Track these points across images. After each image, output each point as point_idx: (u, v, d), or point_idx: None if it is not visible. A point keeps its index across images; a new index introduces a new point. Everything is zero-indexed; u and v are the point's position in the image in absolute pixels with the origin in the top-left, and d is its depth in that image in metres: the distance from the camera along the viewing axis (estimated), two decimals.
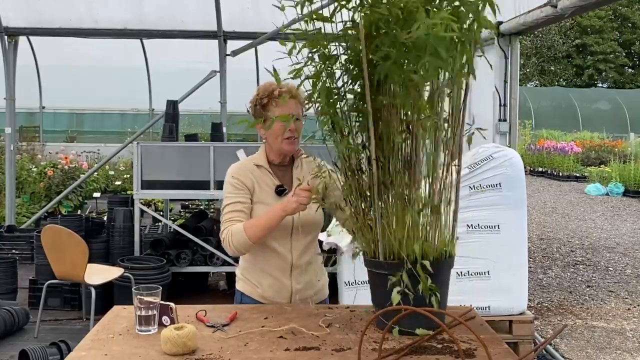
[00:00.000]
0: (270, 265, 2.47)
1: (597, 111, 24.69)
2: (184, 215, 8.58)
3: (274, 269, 2.47)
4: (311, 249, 2.55)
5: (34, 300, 5.34)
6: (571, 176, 17.11)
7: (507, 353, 1.88)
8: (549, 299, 6.22)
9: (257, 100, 2.47)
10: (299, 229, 2.46)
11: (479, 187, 4.33)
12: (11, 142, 7.74)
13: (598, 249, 8.70)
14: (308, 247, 2.52)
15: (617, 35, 35.15)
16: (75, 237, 4.58)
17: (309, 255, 2.53)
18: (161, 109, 7.18)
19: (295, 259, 2.48)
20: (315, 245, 2.58)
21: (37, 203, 9.23)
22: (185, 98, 7.49)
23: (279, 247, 2.46)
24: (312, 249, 2.56)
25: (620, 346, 4.95)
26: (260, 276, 2.49)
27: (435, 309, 1.85)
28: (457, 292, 2.18)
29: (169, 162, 5.53)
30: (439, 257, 1.99)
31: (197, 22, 7.66)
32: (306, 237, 2.50)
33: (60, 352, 4.05)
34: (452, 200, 2.06)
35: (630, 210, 12.27)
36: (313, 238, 2.56)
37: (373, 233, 2.05)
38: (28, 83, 12.97)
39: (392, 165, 2.02)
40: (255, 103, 2.49)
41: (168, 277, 5.25)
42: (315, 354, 1.85)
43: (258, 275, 2.50)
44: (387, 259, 1.99)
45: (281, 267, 2.47)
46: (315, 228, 2.54)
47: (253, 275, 2.51)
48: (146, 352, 1.86)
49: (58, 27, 7.66)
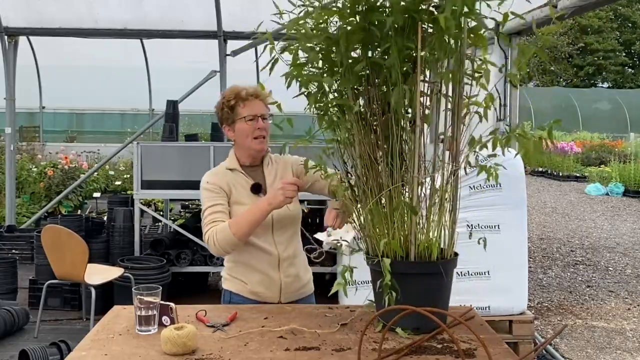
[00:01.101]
0: (258, 261, 2.50)
1: (597, 111, 24.68)
2: (184, 215, 8.58)
3: (262, 264, 2.50)
4: (294, 242, 2.59)
5: (34, 300, 5.34)
6: (571, 176, 17.10)
7: (507, 353, 1.88)
8: (549, 299, 6.22)
9: (224, 104, 2.52)
10: (279, 223, 2.50)
11: (479, 187, 4.33)
12: (11, 142, 7.74)
13: (598, 249, 8.70)
14: (291, 240, 2.57)
15: (617, 35, 35.15)
16: (75, 237, 4.58)
17: (292, 247, 2.57)
18: (161, 109, 7.18)
19: (280, 252, 2.52)
20: (297, 239, 2.62)
21: (37, 203, 9.23)
22: (185, 98, 7.50)
23: (263, 244, 2.49)
24: (295, 242, 2.60)
25: (620, 346, 4.95)
26: (249, 273, 2.51)
27: (435, 309, 1.85)
28: (457, 292, 2.18)
29: (169, 162, 5.52)
30: (443, 257, 2.00)
31: (197, 22, 7.66)
32: (287, 231, 2.55)
33: (60, 352, 4.05)
34: (451, 200, 2.06)
35: (630, 210, 12.27)
36: (294, 232, 2.60)
37: (374, 231, 2.05)
38: (28, 83, 12.97)
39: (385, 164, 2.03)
40: (222, 107, 2.53)
41: (168, 277, 5.25)
42: (315, 354, 1.85)
43: (246, 272, 2.52)
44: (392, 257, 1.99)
45: (268, 261, 2.50)
46: (294, 222, 2.58)
47: (240, 272, 2.53)
48: (146, 352, 1.86)
49: (58, 27, 7.66)
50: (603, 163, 17.31)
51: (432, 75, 2.06)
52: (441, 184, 2.05)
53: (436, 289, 2.01)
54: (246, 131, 2.49)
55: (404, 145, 2.04)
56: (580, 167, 17.62)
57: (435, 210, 2.04)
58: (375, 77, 2.03)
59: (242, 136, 2.51)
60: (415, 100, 1.98)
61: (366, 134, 2.06)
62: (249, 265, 2.51)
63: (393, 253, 1.98)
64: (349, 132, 2.09)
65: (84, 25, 7.66)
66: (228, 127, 2.53)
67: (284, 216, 2.50)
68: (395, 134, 2.01)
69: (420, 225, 2.02)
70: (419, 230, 2.02)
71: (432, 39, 1.95)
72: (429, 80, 2.06)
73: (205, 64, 8.01)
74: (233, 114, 2.51)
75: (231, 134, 2.55)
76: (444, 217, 2.04)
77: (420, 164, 2.01)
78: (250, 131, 2.48)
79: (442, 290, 2.03)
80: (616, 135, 21.49)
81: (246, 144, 2.51)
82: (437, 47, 1.93)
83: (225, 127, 2.54)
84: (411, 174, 2.01)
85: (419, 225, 2.02)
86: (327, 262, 5.19)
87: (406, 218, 2.01)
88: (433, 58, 2.00)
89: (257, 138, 2.50)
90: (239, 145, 2.56)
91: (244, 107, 2.48)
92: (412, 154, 2.01)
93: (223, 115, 2.53)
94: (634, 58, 36.66)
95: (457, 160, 2.05)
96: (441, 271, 1.97)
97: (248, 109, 2.48)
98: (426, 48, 1.96)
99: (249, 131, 2.49)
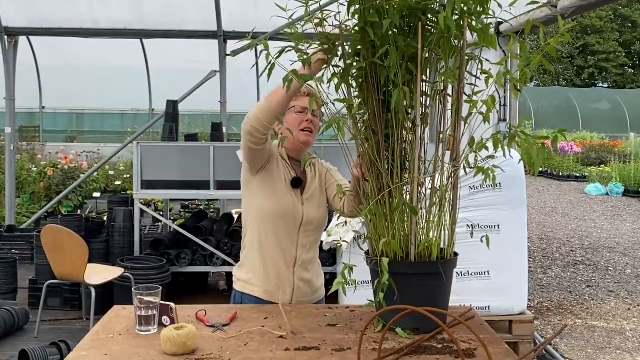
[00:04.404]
0: (275, 261, 2.48)
1: (597, 111, 24.69)
2: (184, 215, 8.58)
3: (279, 265, 2.49)
4: (314, 248, 2.59)
5: (34, 300, 5.34)
6: (571, 176, 17.11)
7: (507, 353, 1.88)
8: (549, 299, 6.22)
9: None
10: (308, 226, 2.50)
11: (479, 187, 4.33)
12: (11, 142, 7.75)
13: (598, 249, 8.70)
14: (312, 246, 2.56)
15: (617, 35, 35.15)
16: (75, 237, 4.58)
17: (311, 253, 2.56)
18: (161, 109, 7.18)
19: (299, 254, 2.51)
20: (317, 247, 2.62)
21: (37, 203, 9.23)
22: (185, 98, 7.50)
23: (287, 240, 2.48)
24: (315, 248, 2.60)
25: (620, 346, 4.95)
26: (263, 274, 2.49)
27: (435, 309, 1.85)
28: (457, 292, 2.18)
29: (169, 162, 5.52)
30: (443, 257, 2.00)
31: (197, 22, 7.67)
32: (311, 236, 2.54)
33: (60, 352, 4.05)
34: (451, 200, 2.06)
35: (630, 210, 12.27)
36: (317, 239, 2.60)
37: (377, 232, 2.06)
38: (28, 83, 12.98)
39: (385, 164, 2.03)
40: None
41: (168, 277, 5.25)
42: (315, 354, 1.85)
43: (261, 273, 2.50)
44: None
45: (285, 262, 2.49)
46: (320, 227, 2.58)
47: (255, 273, 2.51)
48: (146, 352, 1.86)
49: (58, 27, 7.67)
50: (603, 163, 17.31)
51: (433, 75, 2.06)
52: (441, 184, 2.05)
53: (436, 289, 2.01)
54: (295, 122, 2.49)
55: (404, 145, 2.04)
56: (580, 167, 17.63)
57: (435, 210, 2.04)
58: (376, 77, 2.03)
59: (290, 127, 2.49)
60: (416, 100, 1.98)
61: (366, 134, 2.06)
62: (265, 265, 2.49)
63: (393, 253, 1.98)
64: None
65: (84, 25, 7.67)
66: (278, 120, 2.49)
67: (313, 219, 2.50)
68: (395, 134, 2.01)
69: (420, 225, 2.02)
70: (419, 231, 2.02)
71: (432, 38, 1.95)
72: (430, 80, 2.06)
73: (205, 64, 8.02)
74: None
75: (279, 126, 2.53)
76: (444, 217, 2.04)
77: (420, 164, 2.01)
78: (298, 122, 2.48)
79: (442, 290, 2.03)
80: (616, 135, 21.50)
81: (294, 135, 2.49)
82: (438, 47, 1.93)
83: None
84: (411, 174, 2.01)
85: (419, 225, 2.02)
86: (327, 262, 5.21)
87: (406, 218, 2.01)
88: (434, 58, 2.00)
89: (304, 130, 2.49)
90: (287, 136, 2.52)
91: (295, 100, 2.47)
92: (412, 154, 2.01)
93: None
94: (634, 58, 36.67)
95: (457, 161, 2.05)
96: (441, 271, 1.97)
97: (298, 102, 2.48)
98: (427, 48, 1.96)
99: (297, 122, 2.49)
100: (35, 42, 11.02)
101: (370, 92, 2.04)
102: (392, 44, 1.91)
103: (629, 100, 24.55)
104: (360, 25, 1.97)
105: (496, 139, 2.00)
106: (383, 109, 2.04)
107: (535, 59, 1.89)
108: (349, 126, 2.12)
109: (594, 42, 34.16)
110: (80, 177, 9.14)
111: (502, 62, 2.00)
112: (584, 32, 34.39)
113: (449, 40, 1.94)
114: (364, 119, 2.10)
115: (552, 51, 1.88)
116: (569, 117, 23.52)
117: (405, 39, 1.96)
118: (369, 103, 2.06)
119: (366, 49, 2.01)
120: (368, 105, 2.07)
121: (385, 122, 2.04)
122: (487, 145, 2.04)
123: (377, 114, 2.04)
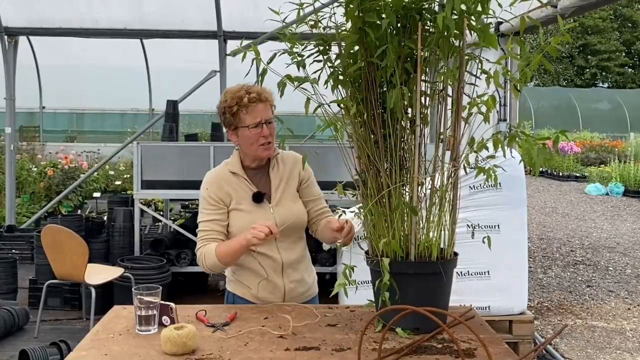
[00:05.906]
0: (261, 267, 2.42)
1: (598, 111, 24.67)
2: (184, 215, 8.57)
3: (266, 269, 2.42)
4: (299, 246, 2.52)
5: (34, 300, 5.34)
6: (571, 176, 17.10)
7: (507, 353, 1.88)
8: (549, 299, 6.22)
9: (225, 109, 2.40)
10: (282, 231, 2.37)
11: (479, 187, 4.33)
12: (11, 142, 7.74)
13: (598, 249, 8.70)
14: (295, 244, 2.49)
15: (618, 35, 35.14)
16: (75, 237, 4.58)
17: (297, 252, 2.50)
18: (161, 109, 7.18)
19: (284, 257, 2.45)
20: (302, 242, 2.55)
21: (37, 203, 9.23)
22: (185, 98, 7.49)
23: (266, 250, 2.41)
24: (300, 246, 2.53)
25: (620, 346, 4.95)
26: (252, 278, 2.45)
27: (435, 309, 1.85)
28: (457, 292, 2.18)
29: (169, 162, 5.52)
30: (443, 257, 2.00)
31: (197, 22, 7.66)
32: (290, 236, 2.46)
33: (60, 352, 4.05)
34: (451, 200, 2.06)
35: (630, 210, 12.26)
36: (299, 236, 2.52)
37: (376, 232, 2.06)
38: (28, 83, 12.96)
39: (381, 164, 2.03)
40: (223, 111, 2.41)
41: (168, 277, 5.25)
42: (315, 354, 1.85)
43: (250, 277, 2.45)
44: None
45: (272, 267, 2.43)
46: (298, 227, 2.50)
47: (244, 277, 2.47)
48: (146, 352, 1.86)
49: (58, 27, 7.67)
50: (603, 163, 17.30)
51: (432, 75, 2.06)
52: (441, 183, 2.05)
53: (436, 288, 2.01)
54: (251, 139, 2.37)
55: (404, 145, 2.04)
56: (580, 167, 17.62)
57: (435, 210, 2.04)
58: (373, 77, 2.03)
59: (246, 144, 2.40)
60: (415, 100, 1.98)
61: (365, 134, 2.06)
62: (252, 270, 2.44)
63: (393, 253, 1.98)
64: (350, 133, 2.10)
65: (84, 25, 7.67)
66: (231, 132, 2.42)
67: (286, 219, 2.41)
68: (394, 134, 2.01)
69: (420, 225, 2.02)
70: (419, 230, 2.02)
71: (431, 38, 1.95)
72: (429, 80, 2.06)
73: (205, 64, 8.01)
74: (236, 120, 2.38)
75: (235, 138, 2.44)
76: (444, 217, 2.04)
77: (420, 164, 2.01)
78: (255, 139, 2.37)
79: (442, 290, 2.03)
80: (616, 135, 21.48)
81: (252, 151, 2.41)
82: (437, 46, 1.93)
83: (229, 131, 2.43)
84: (411, 174, 2.01)
85: (419, 225, 2.02)
86: (327, 262, 5.21)
87: (406, 218, 2.01)
88: (433, 58, 2.00)
89: (263, 145, 2.39)
90: (244, 151, 2.45)
91: (247, 113, 2.35)
92: (412, 154, 2.01)
93: (225, 119, 2.42)
94: (634, 58, 36.65)
95: (457, 161, 2.05)
96: (441, 271, 1.97)
97: (251, 116, 2.35)
98: (426, 48, 1.96)
99: (253, 139, 2.37)
100: (35, 42, 11.01)
101: (367, 92, 2.04)
102: (389, 44, 1.90)
103: (629, 100, 24.54)
104: (358, 25, 1.96)
105: (496, 139, 1.99)
106: (380, 109, 2.04)
107: (535, 59, 1.88)
108: (345, 127, 2.12)
109: (595, 41, 34.14)
110: (80, 177, 9.13)
111: (499, 60, 2.00)
112: (585, 32, 34.38)
113: (448, 40, 1.94)
114: (361, 120, 2.10)
115: (552, 51, 1.88)
116: (569, 117, 23.50)
117: (400, 39, 1.96)
118: (366, 103, 2.06)
119: (363, 49, 2.01)
120: (365, 105, 2.06)
121: (382, 122, 2.04)
122: (487, 145, 2.04)
123: (375, 114, 2.04)
